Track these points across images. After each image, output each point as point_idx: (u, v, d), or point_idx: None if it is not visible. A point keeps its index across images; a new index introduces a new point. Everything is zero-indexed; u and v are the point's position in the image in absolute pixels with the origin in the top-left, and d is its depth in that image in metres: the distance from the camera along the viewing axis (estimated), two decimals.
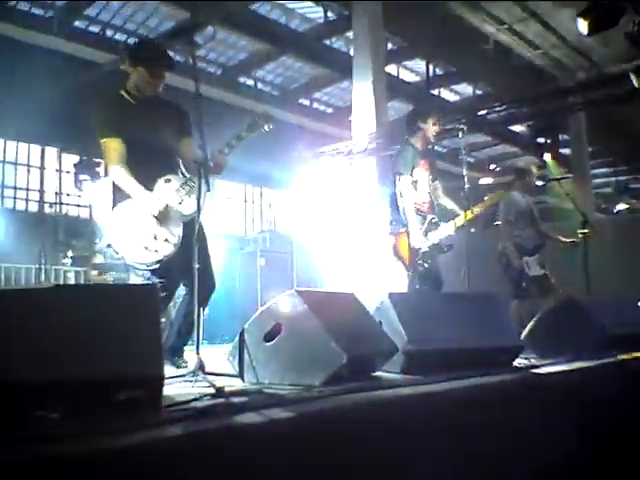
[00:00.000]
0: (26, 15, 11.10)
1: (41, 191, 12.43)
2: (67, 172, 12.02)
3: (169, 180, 3.28)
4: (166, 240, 3.17)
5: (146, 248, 3.14)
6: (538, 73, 13.93)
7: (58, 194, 12.02)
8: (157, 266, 3.18)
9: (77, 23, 12.06)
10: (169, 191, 3.25)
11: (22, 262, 8.53)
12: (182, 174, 3.39)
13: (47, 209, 11.33)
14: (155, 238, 3.15)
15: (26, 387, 1.70)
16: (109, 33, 12.59)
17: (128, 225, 3.19)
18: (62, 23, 11.37)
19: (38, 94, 9.78)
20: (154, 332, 2.04)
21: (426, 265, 4.52)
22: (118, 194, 3.26)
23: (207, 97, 3.08)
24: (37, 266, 8.31)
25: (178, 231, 3.23)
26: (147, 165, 3.27)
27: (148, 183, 3.25)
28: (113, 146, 3.26)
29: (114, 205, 3.25)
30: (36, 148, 12.40)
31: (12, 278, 8.49)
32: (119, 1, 11.82)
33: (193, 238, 2.84)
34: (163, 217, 3.20)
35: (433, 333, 3.02)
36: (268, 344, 2.65)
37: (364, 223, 11.70)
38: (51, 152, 12.57)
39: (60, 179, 12.48)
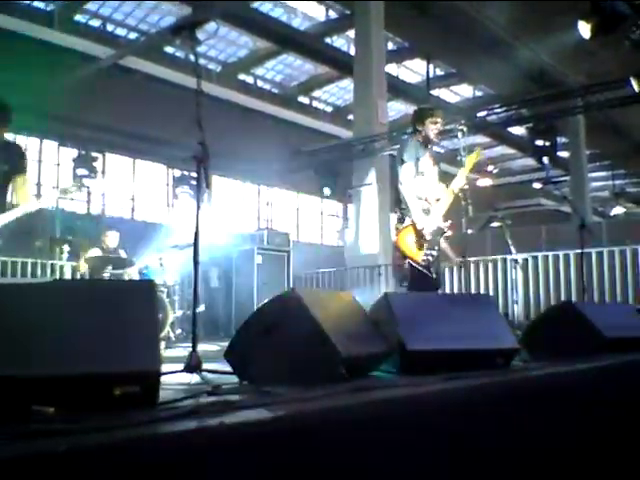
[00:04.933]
0: (27, 8, 11.09)
1: (39, 185, 12.41)
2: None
3: None
4: None
5: None
6: (538, 76, 13.95)
7: (56, 188, 11.99)
8: None
9: (78, 17, 12.05)
10: None
11: (19, 256, 8.52)
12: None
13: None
14: None
15: (23, 381, 1.70)
16: (110, 28, 12.58)
17: None
18: (63, 17, 11.36)
19: (38, 87, 9.76)
20: (151, 327, 2.04)
21: (434, 253, 4.47)
22: None
23: (206, 94, 3.08)
24: (34, 260, 8.29)
25: None
26: None
27: None
28: None
29: None
30: (34, 141, 12.37)
31: (8, 272, 8.47)
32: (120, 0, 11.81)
33: None
34: None
35: (430, 334, 3.02)
36: (265, 342, 2.65)
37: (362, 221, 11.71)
38: (49, 146, 12.54)
39: (58, 173, 12.46)
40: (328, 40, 14.20)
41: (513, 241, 6.45)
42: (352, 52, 12.70)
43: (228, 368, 2.73)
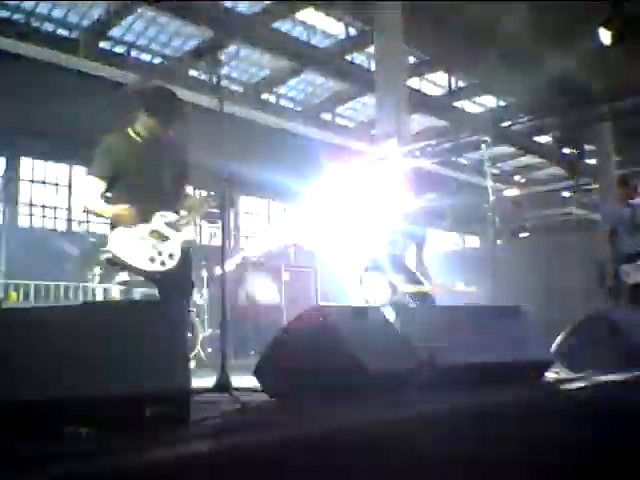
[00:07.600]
0: (52, 37, 11.36)
1: (69, 209, 12.63)
2: None
3: (164, 216, 3.35)
4: (170, 256, 3.23)
5: (151, 260, 3.20)
6: (562, 84, 13.82)
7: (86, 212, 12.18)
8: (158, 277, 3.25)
9: (102, 44, 12.31)
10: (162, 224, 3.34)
11: (49, 279, 8.64)
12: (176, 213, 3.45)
13: (75, 227, 11.48)
14: (159, 254, 3.21)
15: (56, 403, 1.73)
16: (134, 53, 12.82)
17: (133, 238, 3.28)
18: (87, 44, 11.61)
19: (65, 114, 9.96)
20: (181, 347, 2.06)
21: None
22: None
23: (230, 114, 3.13)
24: (66, 283, 8.42)
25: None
26: (145, 202, 3.37)
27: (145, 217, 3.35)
28: (92, 185, 3.49)
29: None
30: (64, 168, 12.61)
31: (41, 295, 8.60)
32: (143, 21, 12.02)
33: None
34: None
35: (460, 347, 2.99)
36: (293, 359, 2.65)
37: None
38: (79, 172, 12.76)
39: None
40: (348, 57, 14.28)
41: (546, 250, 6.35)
42: (373, 68, 12.75)
43: (257, 385, 2.74)
